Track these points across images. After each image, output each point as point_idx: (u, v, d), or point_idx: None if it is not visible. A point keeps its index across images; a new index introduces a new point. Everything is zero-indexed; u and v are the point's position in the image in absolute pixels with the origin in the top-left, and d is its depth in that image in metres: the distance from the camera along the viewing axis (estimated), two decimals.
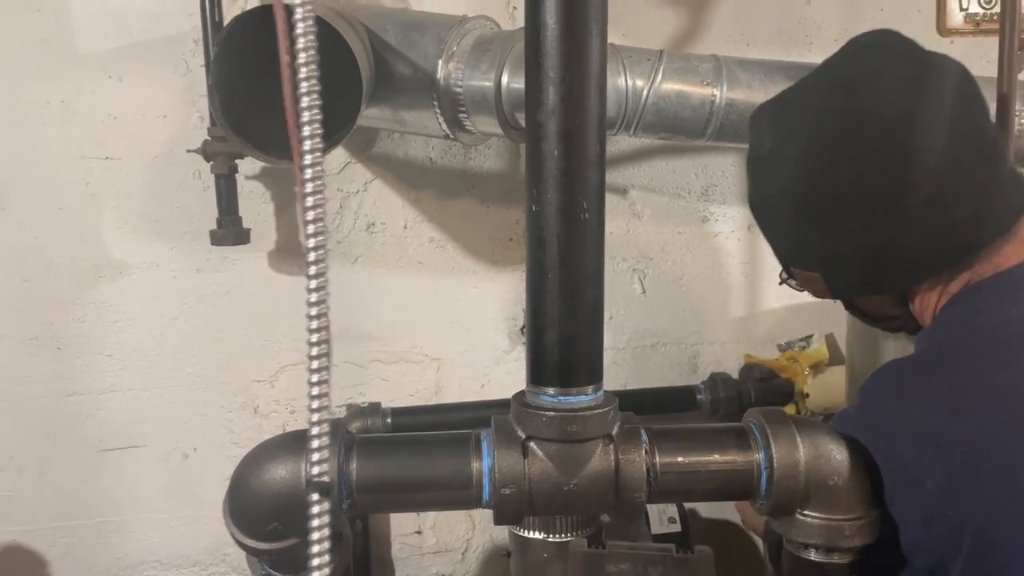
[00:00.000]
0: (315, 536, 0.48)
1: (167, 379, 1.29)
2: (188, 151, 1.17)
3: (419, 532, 1.41)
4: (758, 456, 0.69)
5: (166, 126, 1.24)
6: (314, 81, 0.46)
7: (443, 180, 1.33)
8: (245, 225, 1.20)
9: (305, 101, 0.46)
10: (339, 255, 1.31)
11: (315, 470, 0.48)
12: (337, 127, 0.97)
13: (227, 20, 1.14)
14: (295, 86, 0.47)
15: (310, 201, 0.48)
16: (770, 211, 0.86)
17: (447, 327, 1.38)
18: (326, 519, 0.48)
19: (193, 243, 1.27)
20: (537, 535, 0.73)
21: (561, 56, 0.64)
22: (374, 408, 1.28)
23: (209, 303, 1.28)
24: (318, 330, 0.49)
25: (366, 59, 1.02)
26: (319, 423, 0.48)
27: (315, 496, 0.48)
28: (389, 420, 1.26)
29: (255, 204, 1.26)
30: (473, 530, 1.43)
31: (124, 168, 1.24)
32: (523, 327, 1.41)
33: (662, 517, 1.21)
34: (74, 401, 1.27)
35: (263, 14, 0.92)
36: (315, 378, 0.49)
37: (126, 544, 1.30)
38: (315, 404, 0.49)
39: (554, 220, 0.67)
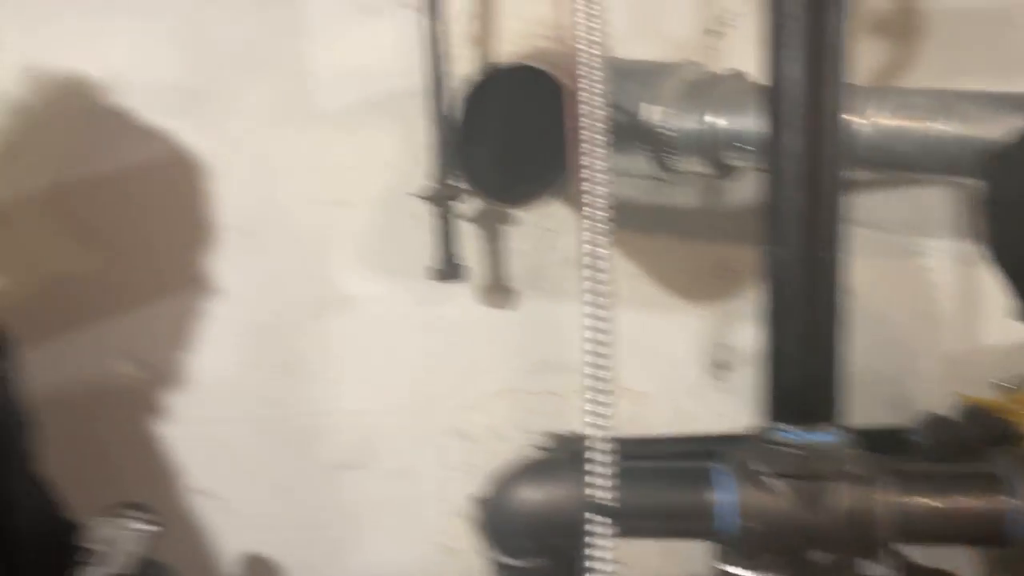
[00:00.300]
0: (597, 555, 0.52)
1: (388, 404, 1.40)
2: (410, 195, 1.28)
3: None
4: (1012, 501, 0.68)
5: (391, 174, 1.36)
6: (600, 149, 0.52)
7: (641, 217, 1.37)
8: (461, 262, 1.29)
9: (595, 164, 0.51)
10: (539, 288, 1.38)
11: (598, 493, 0.53)
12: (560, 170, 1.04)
13: (449, 77, 1.25)
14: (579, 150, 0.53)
15: (588, 245, 0.54)
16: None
17: (642, 359, 1.41)
18: (607, 541, 0.53)
19: (413, 279, 1.37)
20: None
21: (803, 105, 0.68)
22: (578, 437, 1.34)
23: (427, 334, 1.39)
24: (597, 356, 0.54)
25: None
26: (600, 448, 0.53)
27: (597, 518, 0.53)
28: None
29: (467, 243, 1.35)
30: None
31: (354, 212, 1.37)
32: (719, 362, 1.42)
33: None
34: (307, 422, 1.41)
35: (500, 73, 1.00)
36: (594, 404, 0.54)
37: (355, 558, 1.42)
38: (596, 430, 0.54)
39: (794, 261, 0.69)
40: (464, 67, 1.32)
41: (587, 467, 0.53)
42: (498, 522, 0.77)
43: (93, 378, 1.39)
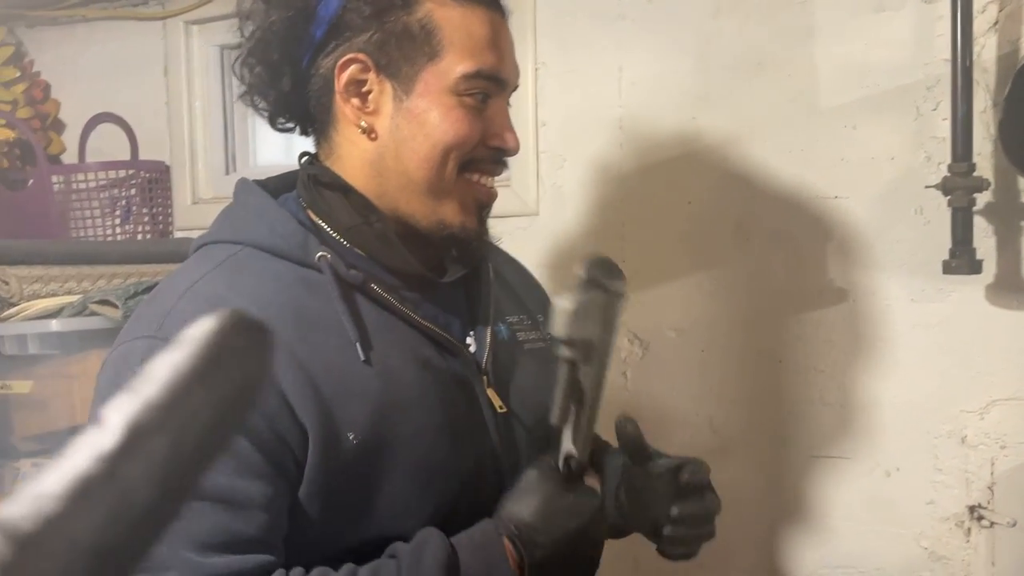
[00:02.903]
0: None
1: (875, 399, 1.39)
2: (926, 187, 1.27)
3: None
4: None
5: (892, 167, 1.36)
6: None
7: None
8: (977, 257, 1.24)
9: None
10: None
11: None
12: None
13: (975, 65, 1.22)
14: None
15: None
16: None
17: None
18: None
19: (909, 274, 1.36)
20: None
21: None
22: None
23: (922, 331, 1.36)
24: None
25: None
26: None
27: None
28: None
29: (977, 238, 1.30)
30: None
31: (850, 206, 1.40)
32: None
33: None
34: (789, 409, 1.45)
35: None
36: None
37: (826, 545, 1.43)
38: None
39: None
40: (987, 55, 1.28)
41: None
42: None
43: None
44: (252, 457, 0.76)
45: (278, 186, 0.94)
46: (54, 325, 1.36)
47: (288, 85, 0.89)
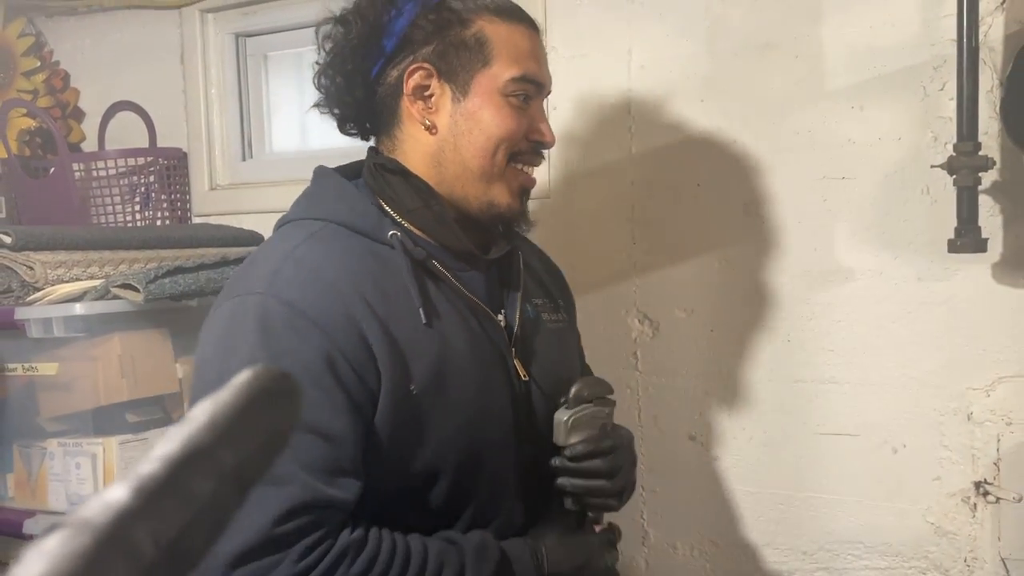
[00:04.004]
0: None
1: (883, 377, 1.41)
2: (932, 167, 1.28)
3: None
4: None
5: (899, 148, 1.37)
6: None
7: None
8: (983, 235, 1.25)
9: None
10: None
11: None
12: None
13: (982, 45, 1.23)
14: None
15: None
16: None
17: None
18: None
19: (916, 254, 1.37)
20: None
21: None
22: None
23: (928, 309, 1.37)
24: None
25: None
26: None
27: None
28: None
29: (982, 217, 1.31)
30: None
31: (857, 186, 1.41)
32: None
33: None
34: (798, 387, 1.47)
35: None
36: None
37: (834, 521, 1.46)
38: None
39: None
40: (993, 35, 1.29)
41: None
42: None
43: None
44: (339, 397, 0.90)
45: (347, 173, 1.08)
46: (78, 308, 1.40)
47: (361, 93, 1.04)
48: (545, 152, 1.09)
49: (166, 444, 0.25)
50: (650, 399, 1.59)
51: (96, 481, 1.44)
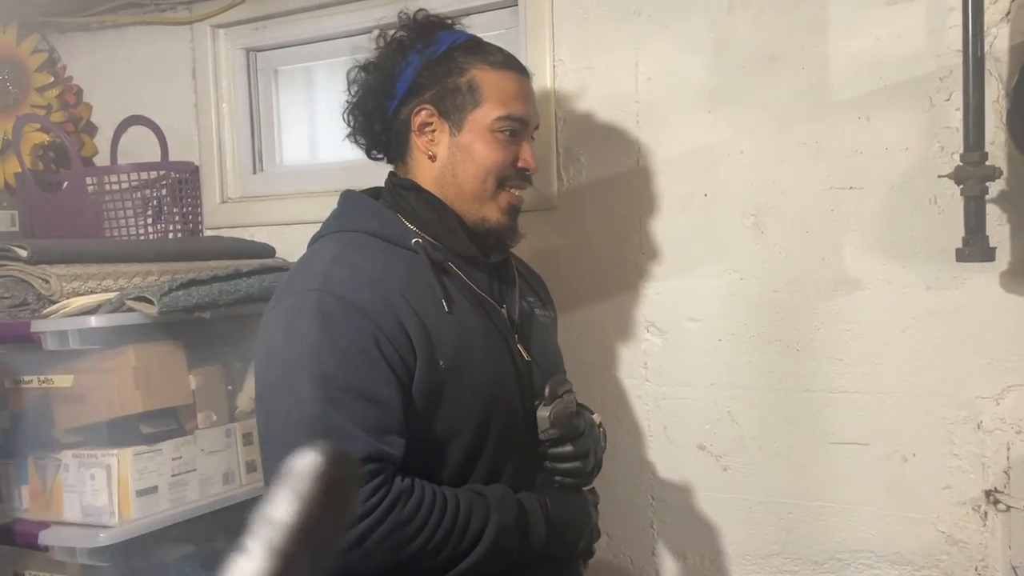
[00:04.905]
0: None
1: (892, 386, 1.41)
2: (939, 176, 1.29)
3: None
4: None
5: (907, 158, 1.38)
6: None
7: None
8: (991, 244, 1.26)
9: None
10: None
11: None
12: None
13: (988, 55, 1.24)
14: None
15: None
16: None
17: None
18: None
19: (924, 263, 1.38)
20: None
21: None
22: None
23: (937, 318, 1.38)
24: None
25: None
26: None
27: None
28: None
29: (990, 226, 1.32)
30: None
31: (865, 196, 1.42)
32: None
33: None
34: (807, 397, 1.48)
35: None
36: None
37: (844, 530, 1.46)
38: None
39: None
40: (999, 45, 1.30)
41: None
42: None
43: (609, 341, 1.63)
44: (386, 370, 1.08)
45: (371, 194, 1.27)
46: (94, 321, 1.41)
47: (379, 127, 1.26)
48: (531, 176, 1.26)
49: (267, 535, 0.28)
50: (659, 409, 1.60)
51: (110, 492, 1.45)
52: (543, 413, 1.20)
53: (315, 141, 2.04)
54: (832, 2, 1.41)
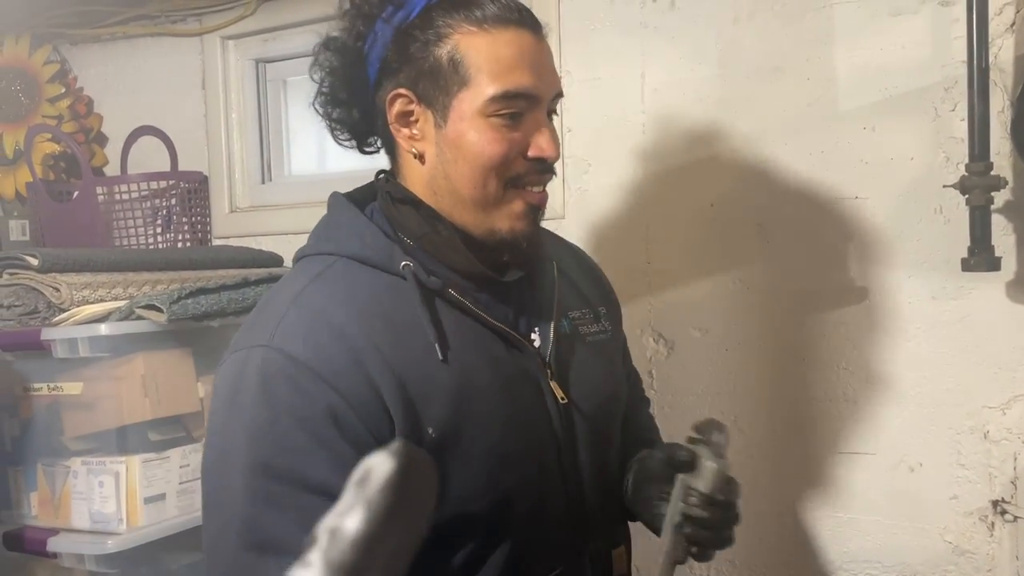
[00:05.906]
0: None
1: (898, 395, 1.41)
2: (944, 186, 1.29)
3: None
4: None
5: (912, 168, 1.39)
6: None
7: None
8: (996, 254, 1.26)
9: None
10: None
11: None
12: None
13: (993, 66, 1.25)
14: None
15: None
16: None
17: None
18: None
19: (930, 273, 1.38)
20: None
21: None
22: None
23: (943, 328, 1.38)
24: None
25: None
26: None
27: None
28: None
29: (996, 236, 1.32)
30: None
31: (870, 206, 1.42)
32: None
33: None
34: (813, 406, 1.48)
35: None
36: None
37: (851, 540, 1.46)
38: None
39: None
40: (1004, 56, 1.31)
41: None
42: None
43: None
44: (343, 451, 0.83)
45: (365, 197, 1.03)
46: (103, 329, 1.42)
47: (360, 119, 1.00)
48: (554, 166, 0.96)
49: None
50: (665, 418, 1.59)
51: (119, 499, 1.46)
52: (712, 465, 0.88)
53: (323, 151, 2.06)
54: (837, 13, 1.42)
